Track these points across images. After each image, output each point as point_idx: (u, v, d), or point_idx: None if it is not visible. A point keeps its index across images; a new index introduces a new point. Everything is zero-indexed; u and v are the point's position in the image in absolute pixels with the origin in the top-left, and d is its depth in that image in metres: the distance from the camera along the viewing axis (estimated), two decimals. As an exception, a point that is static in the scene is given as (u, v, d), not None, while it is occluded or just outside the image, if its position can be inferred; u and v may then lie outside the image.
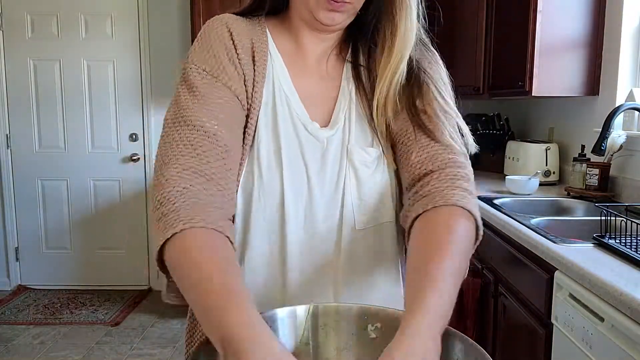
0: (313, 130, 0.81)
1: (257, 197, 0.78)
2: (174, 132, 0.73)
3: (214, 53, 0.78)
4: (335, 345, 0.63)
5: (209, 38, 0.79)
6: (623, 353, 1.14)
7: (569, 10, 2.34)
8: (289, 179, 0.79)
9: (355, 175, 0.80)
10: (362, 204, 0.80)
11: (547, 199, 2.31)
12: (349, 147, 0.81)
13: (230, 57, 0.78)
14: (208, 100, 0.74)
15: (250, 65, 0.79)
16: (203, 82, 0.75)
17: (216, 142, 0.71)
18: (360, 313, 0.63)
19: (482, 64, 2.85)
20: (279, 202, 0.78)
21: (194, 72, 0.76)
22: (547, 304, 1.53)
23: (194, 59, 0.78)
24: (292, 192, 0.79)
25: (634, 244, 1.43)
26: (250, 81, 0.79)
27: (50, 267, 3.84)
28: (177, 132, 0.72)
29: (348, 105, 0.84)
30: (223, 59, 0.77)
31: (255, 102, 0.79)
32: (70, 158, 3.74)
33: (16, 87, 3.67)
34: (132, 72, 3.67)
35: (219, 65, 0.77)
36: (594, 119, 2.41)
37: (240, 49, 0.79)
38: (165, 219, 0.65)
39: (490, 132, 3.17)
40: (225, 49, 0.78)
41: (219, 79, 0.76)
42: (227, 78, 0.77)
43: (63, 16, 3.60)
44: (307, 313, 0.63)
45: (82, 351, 2.94)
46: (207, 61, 0.77)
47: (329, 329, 0.63)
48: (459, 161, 0.77)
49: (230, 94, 0.76)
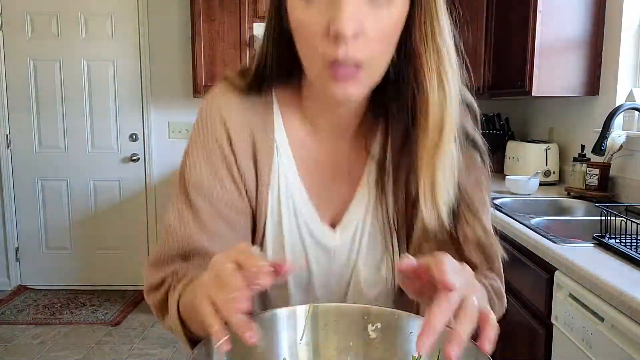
0: (321, 238, 0.74)
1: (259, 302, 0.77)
2: (173, 243, 0.72)
3: (211, 165, 0.71)
4: (336, 345, 0.63)
5: (205, 141, 0.72)
6: (623, 353, 1.14)
7: (569, 10, 2.34)
8: (293, 289, 0.76)
9: (360, 292, 0.76)
10: (364, 299, 0.77)
11: (547, 199, 2.31)
12: (356, 269, 0.75)
13: (229, 167, 0.71)
14: (209, 225, 0.71)
15: (252, 172, 0.72)
16: (204, 205, 0.71)
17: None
18: (361, 313, 0.63)
19: (482, 63, 2.85)
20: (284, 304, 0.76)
21: (194, 189, 0.71)
22: (547, 304, 1.53)
23: (191, 167, 0.72)
24: (296, 299, 0.76)
25: (634, 244, 1.43)
26: (253, 192, 0.73)
27: (50, 267, 3.85)
28: (176, 244, 0.72)
29: (363, 216, 0.74)
30: (222, 172, 0.71)
31: (260, 212, 0.74)
32: (70, 158, 3.74)
33: (16, 87, 3.67)
34: (132, 72, 3.67)
35: (219, 181, 0.71)
36: (594, 119, 2.41)
37: (240, 153, 0.71)
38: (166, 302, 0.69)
39: (490, 132, 3.17)
40: (224, 159, 0.71)
41: (220, 199, 0.71)
42: (228, 196, 0.71)
43: (63, 16, 3.60)
44: (307, 313, 0.63)
45: (82, 351, 2.94)
46: (205, 176, 0.71)
47: (329, 329, 0.63)
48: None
49: (233, 213, 0.72)
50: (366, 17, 0.58)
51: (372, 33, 0.59)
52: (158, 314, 0.74)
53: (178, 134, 3.73)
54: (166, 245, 0.73)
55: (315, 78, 0.64)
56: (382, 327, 0.62)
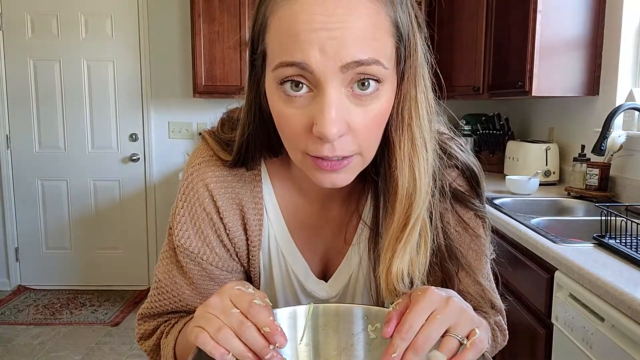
0: (312, 290, 0.75)
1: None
2: (166, 300, 0.74)
3: (200, 232, 0.70)
4: (336, 345, 0.63)
5: (193, 210, 0.70)
6: (623, 353, 1.14)
7: (569, 10, 2.34)
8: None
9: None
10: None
11: (547, 199, 2.31)
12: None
13: (219, 235, 0.71)
14: (200, 285, 0.72)
15: (242, 237, 0.72)
16: (195, 268, 0.71)
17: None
18: (361, 313, 0.63)
19: (482, 63, 2.85)
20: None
21: (183, 254, 0.71)
22: (547, 304, 1.52)
23: (180, 235, 0.71)
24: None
25: (634, 244, 1.43)
26: (244, 255, 0.73)
27: (50, 267, 3.84)
28: (169, 302, 0.75)
29: (356, 270, 0.74)
30: (212, 239, 0.71)
31: (253, 272, 0.74)
32: (70, 158, 3.74)
33: (16, 87, 3.67)
34: (132, 72, 3.67)
35: (209, 247, 0.71)
36: (594, 119, 2.41)
37: (229, 223, 0.70)
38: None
39: (490, 132, 3.17)
40: (213, 226, 0.70)
41: (211, 262, 0.71)
42: (218, 259, 0.71)
43: (63, 16, 3.60)
44: (307, 313, 0.63)
45: (82, 351, 2.94)
46: (195, 243, 0.70)
47: (329, 329, 0.63)
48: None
49: (225, 273, 0.73)
50: (351, 115, 0.55)
51: (359, 128, 0.55)
52: (152, 357, 0.77)
53: (178, 134, 3.73)
54: (157, 302, 0.75)
55: (300, 164, 0.61)
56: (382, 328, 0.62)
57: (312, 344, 0.63)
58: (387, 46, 0.55)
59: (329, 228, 0.75)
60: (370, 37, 0.53)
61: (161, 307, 0.74)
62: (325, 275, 0.76)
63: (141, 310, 0.77)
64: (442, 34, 3.06)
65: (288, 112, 0.56)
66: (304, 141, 0.56)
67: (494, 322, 0.75)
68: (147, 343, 0.76)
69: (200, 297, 0.72)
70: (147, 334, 0.76)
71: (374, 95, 0.55)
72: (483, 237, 0.73)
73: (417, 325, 0.51)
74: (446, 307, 0.52)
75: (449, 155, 0.69)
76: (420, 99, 0.59)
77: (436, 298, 0.53)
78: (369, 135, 0.57)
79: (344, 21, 0.51)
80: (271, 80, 0.56)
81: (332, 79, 0.52)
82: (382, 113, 0.57)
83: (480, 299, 0.71)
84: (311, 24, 0.51)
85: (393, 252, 0.61)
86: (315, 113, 0.54)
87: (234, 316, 0.52)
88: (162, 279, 0.73)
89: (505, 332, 0.76)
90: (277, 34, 0.54)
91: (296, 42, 0.52)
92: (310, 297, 0.75)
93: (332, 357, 0.63)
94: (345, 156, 0.56)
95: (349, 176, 0.59)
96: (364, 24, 0.52)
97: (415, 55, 0.59)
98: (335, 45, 0.51)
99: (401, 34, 0.57)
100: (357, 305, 0.64)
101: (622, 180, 2.18)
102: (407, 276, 0.61)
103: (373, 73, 0.54)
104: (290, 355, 0.62)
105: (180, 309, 0.74)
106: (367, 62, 0.53)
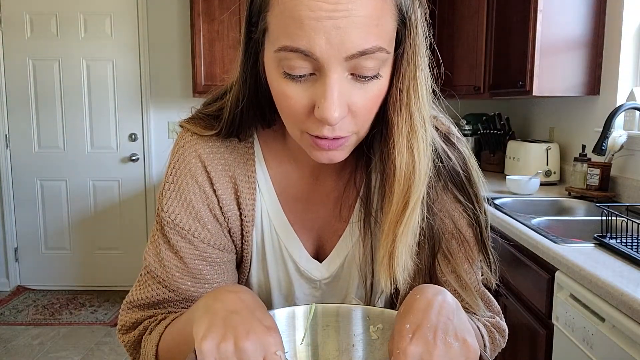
0: (306, 270, 0.73)
1: None
2: (154, 286, 0.71)
3: (192, 207, 0.68)
4: (337, 346, 0.63)
5: (183, 183, 0.68)
6: (624, 353, 1.13)
7: (569, 10, 2.34)
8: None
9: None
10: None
11: (548, 199, 2.30)
12: (347, 298, 0.74)
13: (211, 208, 0.69)
14: (191, 265, 0.69)
15: (235, 212, 0.70)
16: (186, 246, 0.69)
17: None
18: (362, 314, 0.63)
19: (483, 63, 2.84)
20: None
21: (173, 231, 0.68)
22: (547, 304, 1.52)
23: (170, 211, 0.68)
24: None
25: (634, 244, 1.43)
26: (237, 232, 0.71)
27: (50, 267, 3.84)
28: (157, 288, 0.71)
29: (352, 249, 0.73)
30: (203, 214, 0.68)
31: (246, 250, 0.73)
32: (69, 158, 3.74)
33: (15, 87, 3.66)
34: (131, 72, 3.67)
35: (200, 222, 0.69)
36: (594, 119, 2.40)
37: (222, 196, 0.69)
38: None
39: (490, 132, 3.17)
40: (205, 199, 0.68)
41: (202, 239, 0.69)
42: (210, 236, 0.69)
43: (62, 16, 3.59)
44: (308, 314, 0.62)
45: (81, 352, 2.93)
46: (186, 218, 0.68)
47: (330, 329, 0.63)
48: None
49: (217, 252, 0.70)
50: (352, 97, 0.55)
51: (359, 109, 0.56)
52: (131, 353, 0.74)
53: (177, 133, 3.71)
54: (144, 287, 0.71)
55: (298, 140, 0.61)
56: (383, 328, 0.61)
57: (313, 345, 0.62)
58: (389, 29, 0.55)
59: (322, 204, 0.73)
60: (374, 24, 0.52)
61: (148, 295, 0.71)
62: (319, 256, 0.74)
63: (127, 298, 0.73)
64: (443, 34, 3.05)
65: (289, 92, 0.55)
66: (304, 121, 0.57)
67: (491, 325, 0.73)
68: (126, 337, 0.72)
69: (192, 280, 0.69)
70: (129, 326, 0.72)
71: (374, 76, 0.55)
72: (469, 235, 0.70)
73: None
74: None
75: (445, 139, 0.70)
76: (420, 77, 0.59)
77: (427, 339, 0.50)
78: (368, 116, 0.58)
79: (349, 9, 0.50)
80: (272, 59, 0.56)
81: (336, 67, 0.53)
82: (380, 91, 0.57)
83: (462, 291, 0.69)
84: (316, 11, 0.50)
85: (394, 235, 0.60)
86: (317, 96, 0.54)
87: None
88: (150, 263, 0.70)
89: (505, 333, 0.75)
90: (281, 15, 0.53)
91: (301, 28, 0.51)
92: (303, 277, 0.73)
93: (333, 357, 0.63)
94: (343, 136, 0.57)
95: (345, 153, 0.60)
96: (369, 10, 0.52)
97: (416, 32, 0.58)
98: (339, 34, 0.51)
99: (404, 16, 0.57)
100: (359, 306, 0.64)
101: (622, 180, 2.18)
102: (410, 267, 0.61)
103: (376, 59, 0.54)
104: (290, 355, 0.61)
105: (169, 299, 0.71)
106: (371, 50, 0.52)
